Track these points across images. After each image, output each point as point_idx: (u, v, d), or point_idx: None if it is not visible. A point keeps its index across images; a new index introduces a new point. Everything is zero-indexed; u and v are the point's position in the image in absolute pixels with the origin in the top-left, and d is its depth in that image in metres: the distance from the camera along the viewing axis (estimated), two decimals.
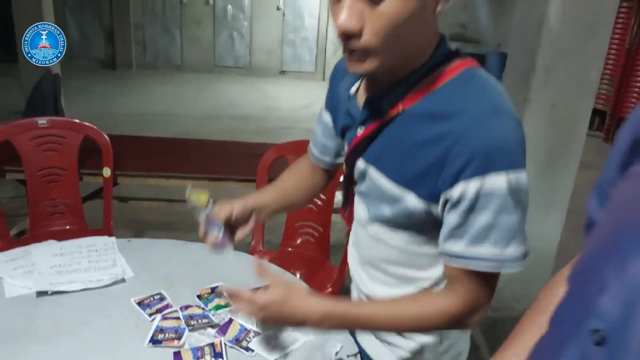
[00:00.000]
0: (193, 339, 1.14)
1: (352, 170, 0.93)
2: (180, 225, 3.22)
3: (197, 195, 0.99)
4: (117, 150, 2.28)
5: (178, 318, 1.19)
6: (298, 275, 1.45)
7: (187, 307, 1.23)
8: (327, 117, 1.08)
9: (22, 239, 2.23)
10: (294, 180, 1.17)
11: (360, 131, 0.86)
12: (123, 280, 1.37)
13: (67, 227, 2.21)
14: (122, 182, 2.44)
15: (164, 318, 1.19)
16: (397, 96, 0.80)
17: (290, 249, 2.15)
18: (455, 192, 0.74)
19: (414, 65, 0.79)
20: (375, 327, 0.90)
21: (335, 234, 2.21)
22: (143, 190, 3.18)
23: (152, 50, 9.72)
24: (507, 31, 9.05)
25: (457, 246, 0.77)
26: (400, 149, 0.80)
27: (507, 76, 3.01)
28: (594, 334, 0.41)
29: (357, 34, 0.72)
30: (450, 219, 0.77)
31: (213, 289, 1.32)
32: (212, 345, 1.11)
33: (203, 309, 1.24)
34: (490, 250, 0.75)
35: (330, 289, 1.89)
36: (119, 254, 1.49)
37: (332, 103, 1.04)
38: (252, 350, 1.10)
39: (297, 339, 1.13)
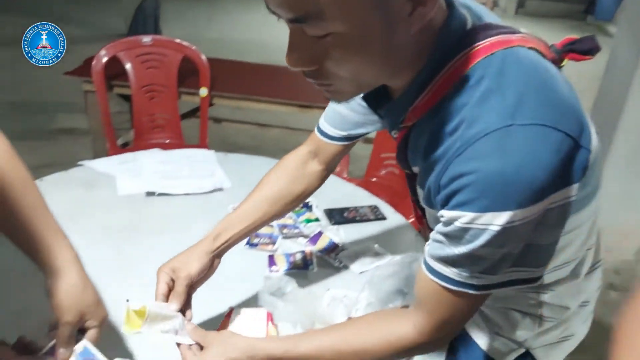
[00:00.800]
0: (285, 245, 1.22)
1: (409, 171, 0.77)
2: (268, 150, 3.34)
3: (132, 319, 0.75)
4: (212, 72, 2.36)
5: (272, 226, 1.27)
6: (382, 201, 1.48)
7: None
8: None
9: (128, 148, 2.41)
10: (270, 193, 0.95)
11: (395, 135, 0.75)
12: (221, 189, 1.47)
13: (167, 141, 2.36)
14: (217, 102, 2.54)
15: None
16: (407, 105, 0.66)
17: (374, 179, 2.18)
18: (444, 214, 0.62)
19: (412, 72, 0.63)
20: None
21: None
22: (234, 112, 3.30)
23: None
24: None
25: (426, 252, 0.68)
26: (422, 160, 0.68)
27: (623, 14, 2.74)
28: None
29: (315, 71, 0.60)
30: (435, 231, 0.66)
31: (304, 204, 1.38)
32: (303, 253, 1.18)
33: (294, 220, 1.31)
34: (454, 272, 0.64)
35: (412, 219, 1.91)
36: (217, 166, 1.58)
37: None
38: (340, 262, 1.16)
39: (384, 254, 1.18)
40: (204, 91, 2.36)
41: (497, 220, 0.56)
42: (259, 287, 1.04)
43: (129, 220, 1.30)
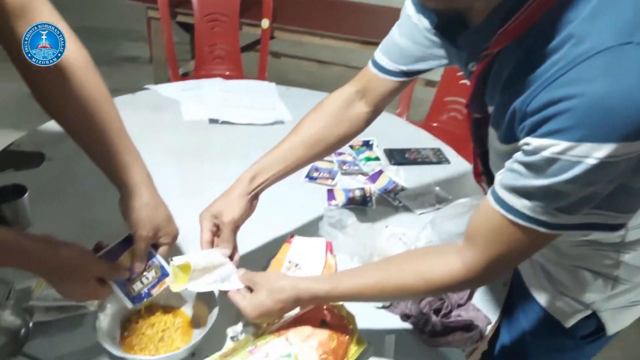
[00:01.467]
0: (344, 181, 1.21)
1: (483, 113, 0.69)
2: (326, 88, 3.29)
3: (178, 276, 0.75)
4: (273, 3, 2.31)
5: (331, 161, 1.26)
6: (446, 145, 1.43)
7: (340, 153, 1.29)
8: (416, 15, 0.79)
9: (188, 77, 2.43)
10: (308, 135, 0.90)
11: (473, 68, 0.67)
12: (282, 122, 1.46)
13: (227, 72, 2.36)
14: (278, 36, 2.50)
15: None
16: (495, 27, 0.58)
17: (435, 124, 2.11)
18: (530, 142, 0.54)
19: None
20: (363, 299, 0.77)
21: None
22: (293, 48, 3.25)
23: None
24: None
25: (496, 181, 0.61)
26: (502, 90, 0.61)
27: None
28: None
29: None
30: (513, 160, 0.58)
31: (365, 142, 1.36)
32: (363, 190, 1.17)
33: (354, 157, 1.30)
34: (526, 205, 0.57)
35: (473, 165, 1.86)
36: (278, 99, 1.57)
37: None
38: (400, 202, 1.14)
39: (445, 198, 1.15)
40: (265, 23, 2.32)
41: (595, 153, 0.49)
42: (318, 218, 1.05)
43: (192, 144, 1.32)
